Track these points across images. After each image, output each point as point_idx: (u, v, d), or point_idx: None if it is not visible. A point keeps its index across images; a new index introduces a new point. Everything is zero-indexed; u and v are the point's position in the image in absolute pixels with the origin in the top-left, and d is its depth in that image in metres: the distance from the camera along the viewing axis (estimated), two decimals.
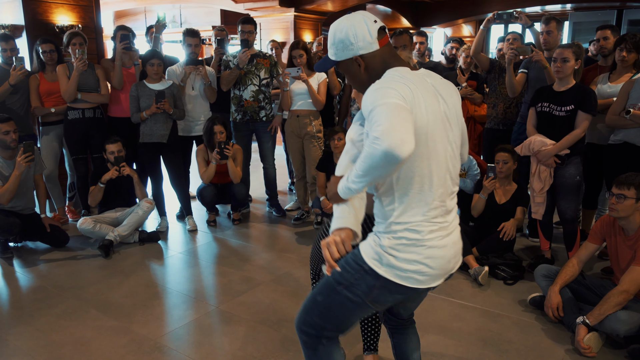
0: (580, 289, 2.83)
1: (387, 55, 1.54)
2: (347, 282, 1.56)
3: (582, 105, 3.11)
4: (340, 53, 1.55)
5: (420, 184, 1.47)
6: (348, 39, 1.51)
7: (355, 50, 1.52)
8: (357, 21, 1.51)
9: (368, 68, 1.54)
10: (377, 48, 1.52)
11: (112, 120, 4.43)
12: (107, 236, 3.86)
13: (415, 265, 1.50)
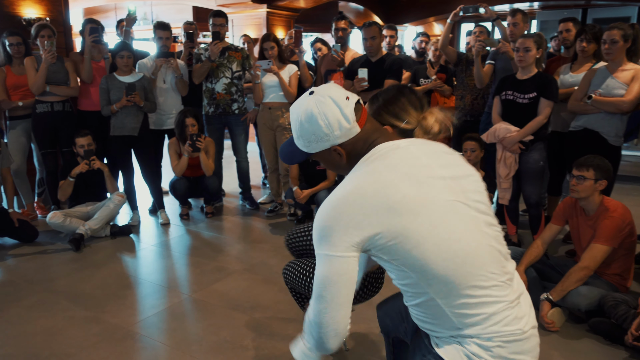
0: (545, 268, 2.93)
1: (370, 133, 1.29)
2: None
3: (544, 92, 3.23)
4: (314, 145, 1.29)
5: (452, 278, 1.19)
6: (321, 129, 1.25)
7: (332, 140, 1.27)
8: (327, 106, 1.25)
9: (350, 155, 1.29)
10: (357, 131, 1.27)
11: (82, 113, 4.38)
12: (77, 230, 3.81)
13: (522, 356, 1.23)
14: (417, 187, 1.19)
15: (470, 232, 1.22)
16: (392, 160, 1.23)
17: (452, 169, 1.29)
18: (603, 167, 2.69)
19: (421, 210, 1.18)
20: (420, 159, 1.25)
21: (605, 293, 2.56)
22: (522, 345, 1.23)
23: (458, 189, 1.25)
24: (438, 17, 11.62)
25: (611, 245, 2.60)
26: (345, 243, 1.18)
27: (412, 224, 1.16)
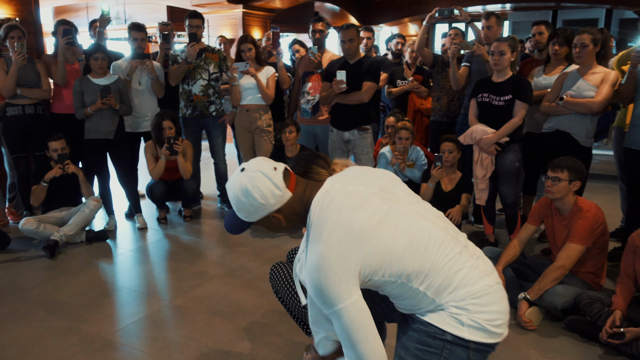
0: (522, 268, 2.99)
1: (302, 193, 1.47)
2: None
3: (519, 94, 3.29)
4: (254, 215, 1.44)
5: (424, 266, 1.39)
6: (257, 201, 1.41)
7: (268, 208, 1.42)
8: (258, 179, 1.40)
9: (289, 218, 1.47)
10: (289, 195, 1.44)
11: (55, 116, 4.28)
12: (51, 236, 3.72)
13: (494, 314, 1.42)
14: (363, 212, 1.39)
15: (419, 223, 1.44)
16: (332, 205, 1.40)
17: (373, 182, 1.50)
18: (577, 169, 2.76)
19: (378, 227, 1.37)
20: (347, 190, 1.45)
21: (580, 291, 2.63)
22: (492, 297, 1.43)
23: (390, 195, 1.48)
24: (413, 17, 11.75)
25: (585, 244, 2.67)
26: (346, 289, 1.34)
27: (380, 241, 1.36)
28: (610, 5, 9.71)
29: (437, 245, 1.42)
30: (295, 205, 1.46)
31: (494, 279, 1.48)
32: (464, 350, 1.41)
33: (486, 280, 1.45)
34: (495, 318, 1.42)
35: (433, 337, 1.43)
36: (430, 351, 1.43)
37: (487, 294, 1.43)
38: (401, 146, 3.99)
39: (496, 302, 1.44)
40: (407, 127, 4.02)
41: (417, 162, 4.14)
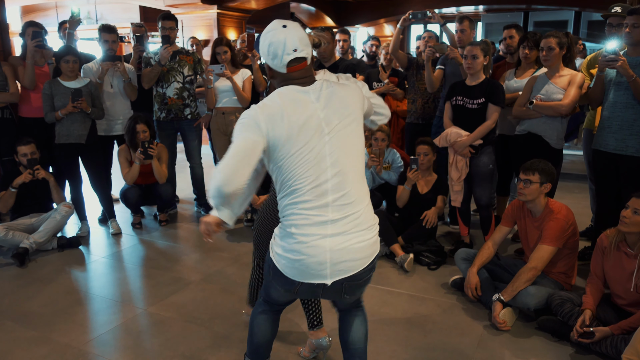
0: (496, 269, 3.04)
1: (294, 76, 1.71)
2: (267, 275, 1.85)
3: (492, 98, 3.35)
4: (261, 52, 1.73)
5: (293, 182, 1.64)
6: (265, 48, 1.70)
7: (268, 60, 1.72)
8: (279, 41, 1.66)
9: (274, 77, 1.75)
10: (284, 72, 1.70)
11: (24, 120, 4.16)
12: (21, 244, 3.62)
13: (286, 254, 1.67)
14: (296, 119, 1.67)
15: (319, 158, 1.75)
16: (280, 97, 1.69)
17: (331, 110, 1.74)
18: (547, 171, 2.82)
19: (296, 135, 1.68)
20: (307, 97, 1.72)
21: (552, 292, 2.68)
22: (293, 246, 1.67)
23: (325, 127, 1.74)
24: (388, 18, 11.83)
25: (556, 245, 2.73)
26: (249, 127, 1.65)
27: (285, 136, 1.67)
28: (578, 7, 9.96)
29: (309, 182, 1.63)
30: (281, 81, 1.73)
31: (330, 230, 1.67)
32: (271, 267, 1.78)
33: (307, 231, 1.65)
34: (287, 258, 1.68)
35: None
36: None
37: (295, 239, 1.66)
38: (377, 149, 4.01)
39: (296, 252, 1.66)
40: (383, 130, 4.05)
41: (393, 165, 4.17)
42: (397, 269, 3.46)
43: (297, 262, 1.65)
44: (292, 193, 1.65)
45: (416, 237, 3.66)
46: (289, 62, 1.68)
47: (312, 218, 1.63)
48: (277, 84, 1.75)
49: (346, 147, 1.68)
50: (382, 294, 3.10)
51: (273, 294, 1.87)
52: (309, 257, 1.63)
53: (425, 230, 3.64)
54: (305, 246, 1.63)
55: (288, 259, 1.66)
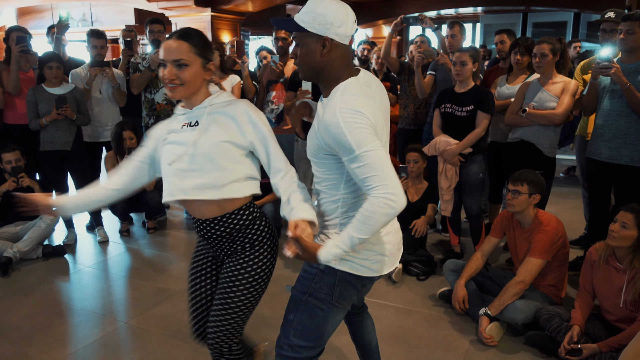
0: (485, 281, 2.98)
1: (347, 56, 1.54)
2: (309, 289, 1.61)
3: (481, 105, 3.28)
4: (315, 25, 1.48)
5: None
6: (331, 17, 1.47)
7: (331, 31, 1.48)
8: (347, 11, 1.50)
9: (330, 55, 1.50)
10: (347, 43, 1.53)
11: (8, 127, 4.11)
12: (4, 253, 3.57)
13: (365, 253, 1.56)
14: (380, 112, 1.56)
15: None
16: (368, 90, 1.56)
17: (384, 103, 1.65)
18: (536, 182, 2.75)
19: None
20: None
21: (540, 306, 2.62)
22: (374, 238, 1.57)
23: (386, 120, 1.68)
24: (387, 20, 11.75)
25: (545, 258, 2.67)
26: (370, 129, 1.48)
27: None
28: (577, 9, 9.87)
29: None
30: (339, 53, 1.51)
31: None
32: (332, 277, 1.59)
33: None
34: (368, 257, 1.58)
35: (311, 266, 1.63)
36: (307, 277, 1.63)
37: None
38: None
39: (378, 243, 1.58)
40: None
41: None
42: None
43: (380, 254, 1.59)
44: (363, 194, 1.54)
45: (405, 247, 3.58)
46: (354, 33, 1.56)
47: None
48: (331, 64, 1.51)
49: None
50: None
51: (329, 328, 1.64)
52: (388, 244, 1.61)
53: (415, 239, 3.58)
54: (384, 234, 1.59)
55: (367, 258, 1.57)
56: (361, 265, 1.58)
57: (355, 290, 1.62)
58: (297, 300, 1.63)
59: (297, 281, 1.67)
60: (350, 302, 1.66)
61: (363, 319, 2.04)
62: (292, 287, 1.67)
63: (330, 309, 1.61)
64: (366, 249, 1.57)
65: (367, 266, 1.59)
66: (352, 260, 1.57)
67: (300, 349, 1.63)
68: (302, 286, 1.64)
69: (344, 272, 1.58)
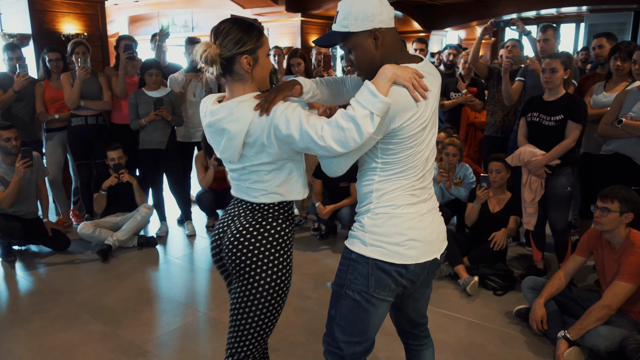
0: (567, 301, 2.80)
1: (397, 37, 1.52)
2: (345, 281, 1.58)
3: (572, 114, 3.09)
4: (359, 24, 1.46)
5: (402, 166, 1.53)
6: (370, 9, 1.45)
7: (375, 22, 1.46)
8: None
9: (384, 44, 1.48)
10: (393, 25, 1.50)
11: (115, 126, 4.54)
12: (106, 241, 3.95)
13: (396, 237, 1.52)
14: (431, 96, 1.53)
15: (429, 153, 1.65)
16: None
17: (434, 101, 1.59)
18: (629, 199, 2.54)
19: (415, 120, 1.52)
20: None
21: (628, 334, 2.42)
22: (406, 221, 1.56)
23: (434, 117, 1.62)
24: (481, 21, 11.34)
25: (636, 283, 2.46)
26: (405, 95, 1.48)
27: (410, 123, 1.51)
28: None
29: (420, 166, 1.55)
30: (392, 37, 1.50)
31: (425, 207, 1.59)
32: (364, 266, 1.55)
33: (413, 209, 1.56)
34: (400, 241, 1.53)
35: (344, 257, 1.61)
36: (342, 269, 1.61)
37: (402, 217, 1.54)
38: (447, 163, 3.87)
39: (412, 228, 1.54)
40: (455, 144, 3.90)
41: (464, 180, 4.00)
42: (460, 291, 3.31)
43: (412, 240, 1.54)
44: (400, 180, 1.54)
45: (483, 259, 3.47)
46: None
47: (414, 198, 1.56)
48: (388, 52, 1.50)
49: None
50: (439, 318, 2.98)
51: (373, 320, 1.60)
52: (423, 230, 1.56)
53: (494, 252, 3.45)
54: (416, 221, 1.55)
55: (399, 243, 1.53)
56: (393, 251, 1.52)
57: (391, 279, 1.55)
58: (337, 294, 1.61)
59: (336, 275, 1.65)
60: (392, 292, 1.58)
61: (423, 349, 1.89)
62: (332, 282, 1.65)
63: (370, 301, 1.56)
64: (398, 232, 1.52)
65: (399, 252, 1.53)
66: (382, 245, 1.52)
67: (346, 345, 1.59)
68: (339, 279, 1.61)
69: (376, 260, 1.53)
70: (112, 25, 9.99)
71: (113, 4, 8.94)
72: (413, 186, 1.56)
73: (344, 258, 1.61)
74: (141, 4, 9.01)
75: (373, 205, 1.55)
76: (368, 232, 1.55)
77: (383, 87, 1.40)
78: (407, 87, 1.42)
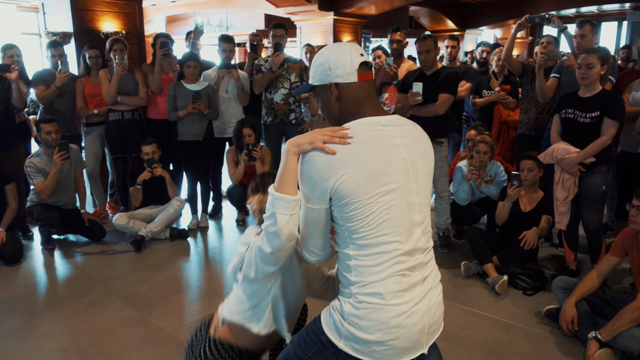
0: (599, 302, 2.73)
1: (362, 92, 1.45)
2: (305, 356, 1.45)
3: (608, 111, 3.00)
4: (317, 77, 1.48)
5: (375, 237, 1.35)
6: (327, 63, 1.44)
7: (332, 76, 1.44)
8: (343, 50, 1.46)
9: (340, 99, 1.46)
10: (354, 80, 1.44)
11: (150, 121, 4.67)
12: (139, 232, 4.07)
13: (377, 335, 1.34)
14: (379, 165, 1.39)
15: (401, 211, 1.45)
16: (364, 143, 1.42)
17: (415, 150, 1.50)
18: None
19: (378, 184, 1.40)
20: (390, 137, 1.46)
21: None
22: (388, 318, 1.38)
23: (410, 172, 1.47)
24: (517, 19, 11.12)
25: None
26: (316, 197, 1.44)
27: (366, 190, 1.40)
28: None
29: (395, 236, 1.36)
30: (351, 93, 1.45)
31: (420, 292, 1.41)
32: (333, 355, 1.40)
33: (402, 299, 1.37)
34: (383, 341, 1.35)
35: (315, 332, 1.46)
36: (307, 342, 1.46)
37: (389, 312, 1.35)
38: (477, 161, 3.82)
39: (399, 327, 1.36)
40: (487, 141, 3.84)
41: (496, 179, 3.94)
42: (488, 290, 3.26)
43: (397, 339, 1.35)
44: (380, 253, 1.36)
45: (513, 259, 3.41)
46: (360, 64, 1.43)
47: (406, 280, 1.38)
48: (346, 106, 1.45)
49: (427, 195, 1.49)
50: (466, 315, 2.95)
51: None
52: (409, 328, 1.36)
53: (524, 251, 3.38)
54: (405, 317, 1.36)
55: (381, 342, 1.34)
56: (371, 350, 1.35)
57: None
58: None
59: (297, 339, 1.51)
60: None
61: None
62: (291, 340, 1.52)
63: None
64: (381, 330, 1.34)
65: (378, 352, 1.35)
66: (359, 342, 1.35)
67: None
68: (300, 349, 1.47)
69: (348, 355, 1.37)
70: (150, 25, 10.26)
71: (151, 5, 9.19)
72: (399, 262, 1.36)
73: (313, 332, 1.45)
74: (178, 4, 9.23)
75: (355, 289, 1.37)
76: (347, 321, 1.37)
77: (284, 177, 1.39)
78: (319, 148, 1.34)
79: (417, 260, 1.41)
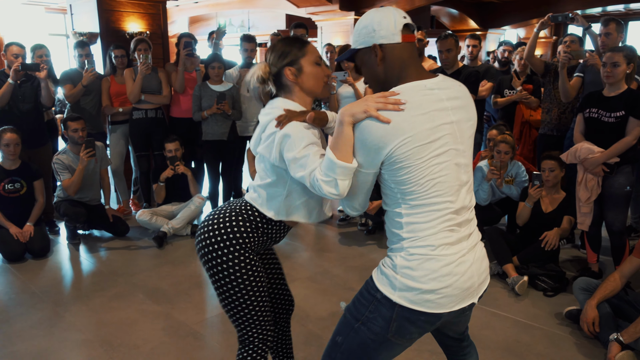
0: (622, 304, 2.69)
1: (406, 54, 1.45)
2: (362, 316, 1.45)
3: (634, 111, 2.96)
4: (361, 40, 1.47)
5: (427, 194, 1.38)
6: (372, 25, 1.44)
7: (376, 38, 1.44)
8: (386, 12, 1.46)
9: (385, 60, 1.45)
10: (398, 41, 1.43)
11: (173, 120, 4.75)
12: (161, 228, 4.14)
13: (431, 284, 1.38)
14: (429, 125, 1.39)
15: (452, 171, 1.47)
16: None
17: (460, 113, 1.48)
18: None
19: (430, 142, 1.40)
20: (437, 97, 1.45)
21: None
22: (442, 267, 1.41)
23: (457, 134, 1.46)
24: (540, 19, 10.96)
25: None
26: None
27: (422, 154, 1.40)
28: None
29: (445, 192, 1.40)
30: (395, 54, 1.44)
31: (467, 245, 1.46)
32: (389, 310, 1.41)
33: (451, 250, 1.41)
34: (436, 289, 1.39)
35: (368, 290, 1.47)
36: (362, 302, 1.47)
37: (440, 261, 1.39)
38: (498, 161, 3.79)
39: (450, 274, 1.40)
40: (508, 141, 3.81)
41: (517, 179, 3.90)
42: (508, 290, 3.24)
43: (449, 287, 1.39)
44: (433, 211, 1.40)
45: (534, 259, 3.38)
46: (403, 26, 1.43)
47: (454, 235, 1.43)
48: (390, 68, 1.45)
49: (471, 155, 1.52)
50: (485, 315, 2.93)
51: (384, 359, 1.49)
52: (460, 276, 1.41)
53: (545, 252, 3.35)
54: (455, 265, 1.40)
55: (434, 290, 1.38)
56: (426, 299, 1.38)
57: (416, 327, 1.42)
58: (348, 324, 1.48)
59: (352, 302, 1.52)
60: (412, 339, 1.46)
61: (466, 358, 1.78)
62: (347, 306, 1.53)
63: (384, 343, 1.44)
64: (434, 278, 1.38)
65: (433, 301, 1.39)
66: (413, 292, 1.38)
67: None
68: (356, 311, 1.48)
69: (404, 307, 1.39)
70: (173, 26, 10.42)
71: (174, 5, 9.33)
72: (449, 219, 1.41)
73: (367, 291, 1.48)
74: (200, 5, 9.35)
75: (407, 243, 1.41)
76: (399, 274, 1.40)
77: (341, 145, 1.39)
78: (373, 116, 1.34)
79: (464, 217, 1.46)
